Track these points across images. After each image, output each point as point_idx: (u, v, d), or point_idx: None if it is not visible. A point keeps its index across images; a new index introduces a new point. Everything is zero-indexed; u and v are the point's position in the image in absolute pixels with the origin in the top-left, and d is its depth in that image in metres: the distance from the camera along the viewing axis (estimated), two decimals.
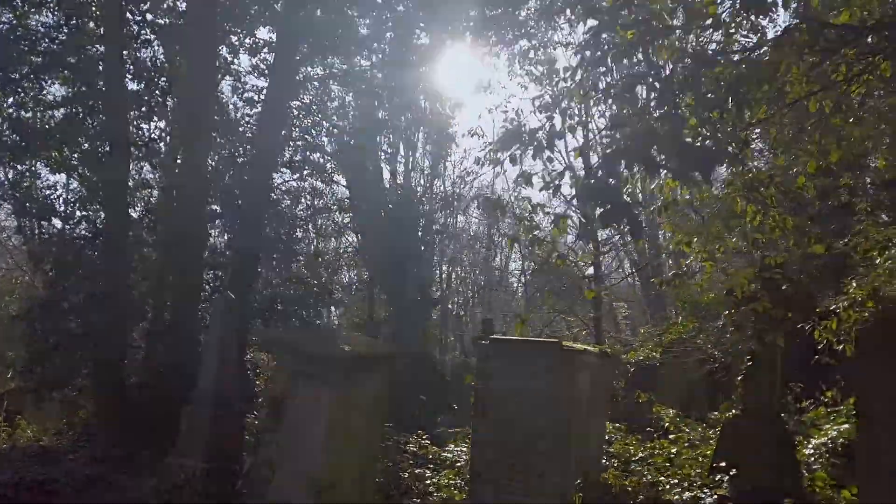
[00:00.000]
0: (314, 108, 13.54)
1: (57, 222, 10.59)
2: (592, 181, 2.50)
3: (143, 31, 11.03)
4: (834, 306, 5.44)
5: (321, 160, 13.49)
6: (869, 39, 3.34)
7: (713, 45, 3.48)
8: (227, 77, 13.29)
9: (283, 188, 12.41)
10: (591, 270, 16.81)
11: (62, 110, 10.88)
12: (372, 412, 3.80)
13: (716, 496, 4.91)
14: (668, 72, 3.39)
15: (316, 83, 13.68)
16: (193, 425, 5.70)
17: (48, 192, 10.85)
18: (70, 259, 9.57)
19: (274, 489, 3.71)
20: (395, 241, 14.89)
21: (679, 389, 11.27)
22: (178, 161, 11.50)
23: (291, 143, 12.92)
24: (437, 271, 25.47)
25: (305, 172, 13.30)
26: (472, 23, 11.52)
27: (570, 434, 4.27)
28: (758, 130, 4.36)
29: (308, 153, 13.42)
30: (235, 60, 13.25)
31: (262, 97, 12.22)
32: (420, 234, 17.30)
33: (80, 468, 7.59)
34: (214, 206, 11.41)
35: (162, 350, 9.76)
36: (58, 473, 7.03)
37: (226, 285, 10.93)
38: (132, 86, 11.60)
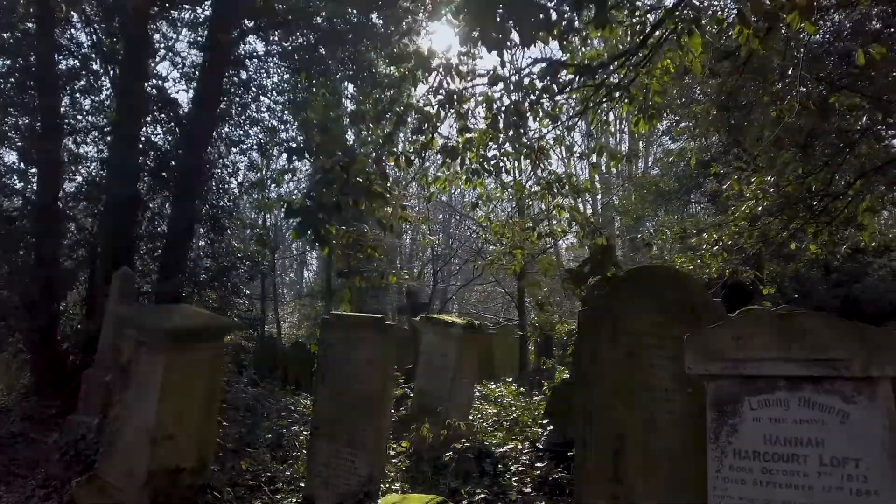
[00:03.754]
0: (252, 83, 13.92)
1: None
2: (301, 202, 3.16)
3: (73, 13, 11.32)
4: None
5: (260, 135, 13.90)
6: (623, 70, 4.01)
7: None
8: (168, 52, 13.67)
9: (220, 162, 12.87)
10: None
11: None
12: (207, 376, 4.49)
13: (532, 448, 5.73)
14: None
15: (256, 60, 14.03)
16: (92, 387, 6.40)
17: None
18: (2, 230, 10.08)
19: (121, 441, 4.42)
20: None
21: None
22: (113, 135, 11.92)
23: (229, 118, 13.36)
24: (399, 241, 26.15)
25: (245, 147, 13.77)
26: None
27: (387, 394, 5.01)
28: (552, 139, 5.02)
29: (247, 128, 13.87)
30: (176, 36, 13.61)
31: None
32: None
33: (7, 426, 8.29)
34: (148, 179, 11.87)
35: (94, 317, 10.37)
36: None
37: (161, 255, 11.53)
38: (70, 62, 12.00)
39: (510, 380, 10.65)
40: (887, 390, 2.26)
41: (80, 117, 12.05)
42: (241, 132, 13.68)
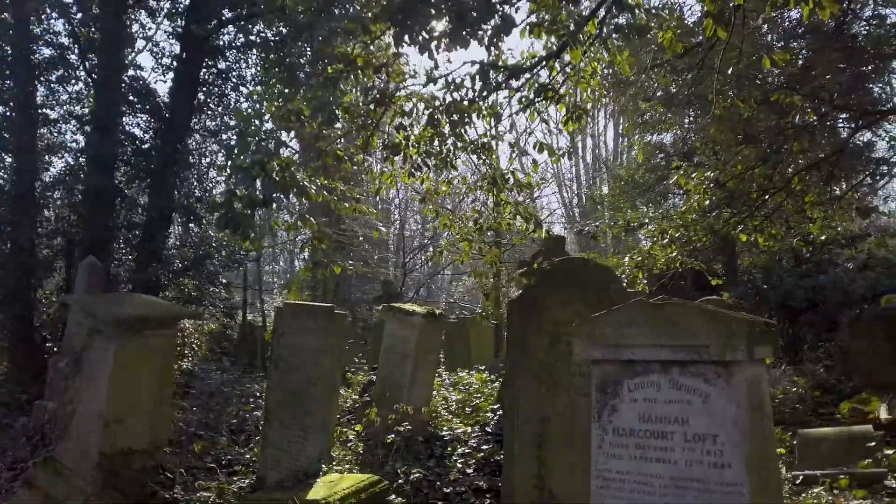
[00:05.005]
0: (232, 73, 14.00)
1: None
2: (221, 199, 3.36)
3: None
4: None
5: (241, 125, 13.96)
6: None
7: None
8: (147, 42, 13.76)
9: (199, 152, 12.98)
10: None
11: None
12: (159, 362, 4.67)
13: (482, 431, 5.96)
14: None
15: (235, 50, 14.10)
16: (58, 373, 6.59)
17: None
18: None
19: (75, 424, 4.61)
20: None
21: None
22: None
23: (207, 109, 13.45)
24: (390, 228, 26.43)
25: (224, 137, 13.85)
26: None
27: (335, 381, 5.22)
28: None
29: (226, 118, 13.95)
30: (155, 26, 13.69)
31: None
32: None
33: None
34: (126, 168, 11.98)
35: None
36: None
37: (138, 244, 11.67)
38: (47, 51, 12.08)
39: (482, 367, 10.88)
40: (745, 373, 2.46)
41: (57, 106, 12.14)
42: (220, 122, 13.77)
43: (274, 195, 3.48)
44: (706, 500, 2.43)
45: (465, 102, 4.21)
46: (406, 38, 3.40)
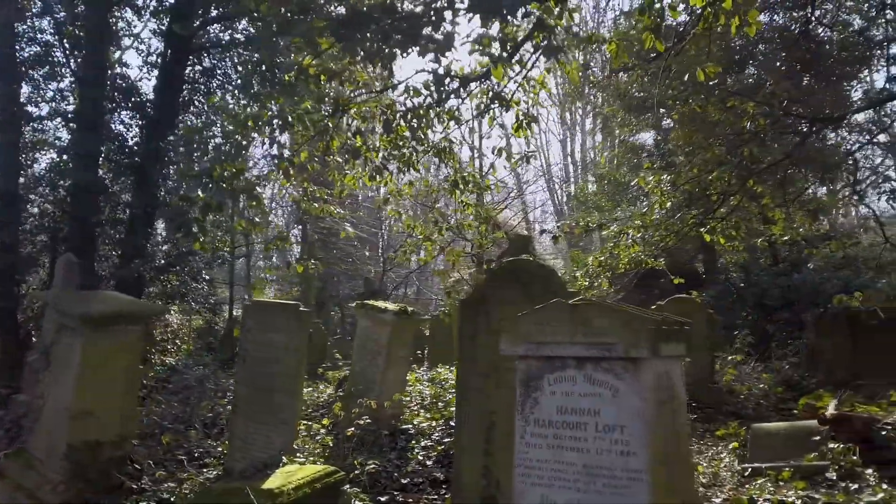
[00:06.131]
0: (217, 72, 14.12)
1: None
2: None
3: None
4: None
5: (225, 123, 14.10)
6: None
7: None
8: (133, 40, 13.88)
9: (184, 150, 13.09)
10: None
11: None
12: (126, 357, 4.83)
13: (446, 425, 6.15)
14: None
15: (220, 49, 14.22)
16: (34, 368, 6.73)
17: None
18: None
19: (44, 417, 4.77)
20: None
21: None
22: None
23: (192, 107, 13.58)
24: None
25: (208, 135, 13.95)
26: None
27: (300, 376, 5.39)
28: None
29: (212, 116, 14.07)
30: (142, 24, 13.80)
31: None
32: None
33: None
34: (111, 165, 12.11)
35: None
36: None
37: (121, 240, 11.81)
38: (32, 49, 12.20)
39: None
40: (651, 369, 2.65)
41: (42, 104, 12.27)
42: (206, 120, 13.89)
43: (224, 200, 3.63)
44: (613, 486, 2.61)
45: (422, 109, 4.38)
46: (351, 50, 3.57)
